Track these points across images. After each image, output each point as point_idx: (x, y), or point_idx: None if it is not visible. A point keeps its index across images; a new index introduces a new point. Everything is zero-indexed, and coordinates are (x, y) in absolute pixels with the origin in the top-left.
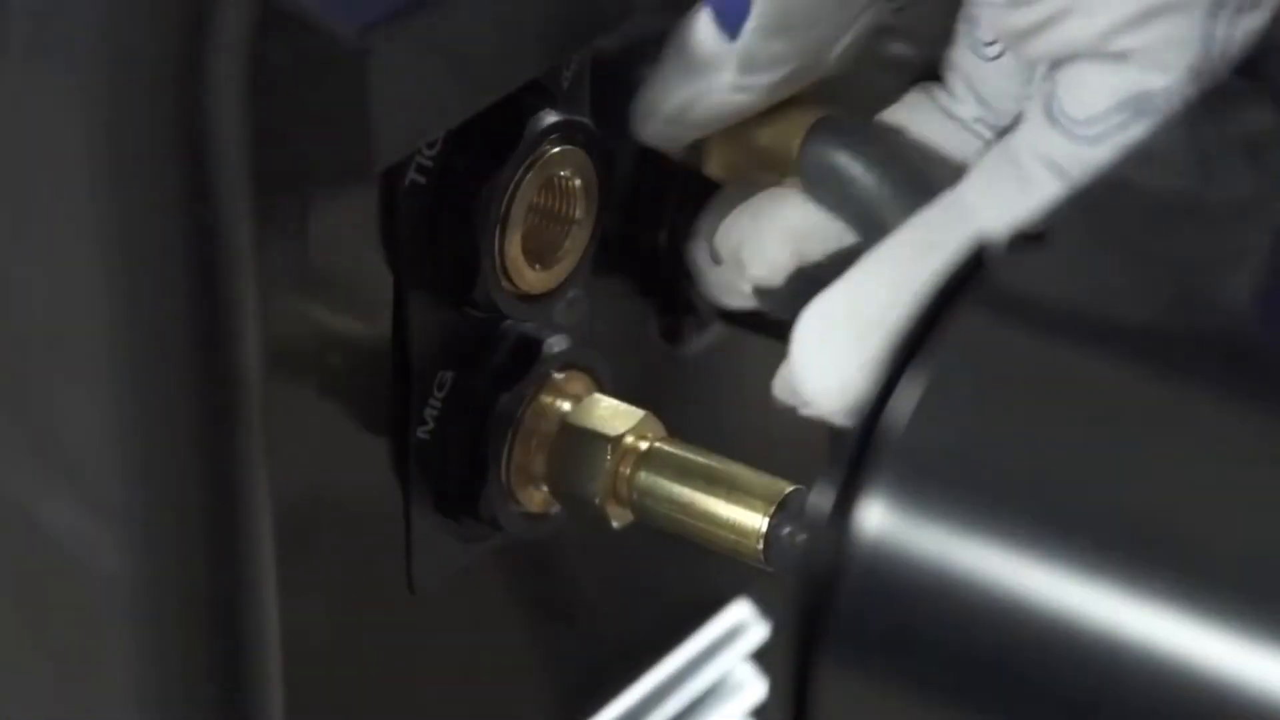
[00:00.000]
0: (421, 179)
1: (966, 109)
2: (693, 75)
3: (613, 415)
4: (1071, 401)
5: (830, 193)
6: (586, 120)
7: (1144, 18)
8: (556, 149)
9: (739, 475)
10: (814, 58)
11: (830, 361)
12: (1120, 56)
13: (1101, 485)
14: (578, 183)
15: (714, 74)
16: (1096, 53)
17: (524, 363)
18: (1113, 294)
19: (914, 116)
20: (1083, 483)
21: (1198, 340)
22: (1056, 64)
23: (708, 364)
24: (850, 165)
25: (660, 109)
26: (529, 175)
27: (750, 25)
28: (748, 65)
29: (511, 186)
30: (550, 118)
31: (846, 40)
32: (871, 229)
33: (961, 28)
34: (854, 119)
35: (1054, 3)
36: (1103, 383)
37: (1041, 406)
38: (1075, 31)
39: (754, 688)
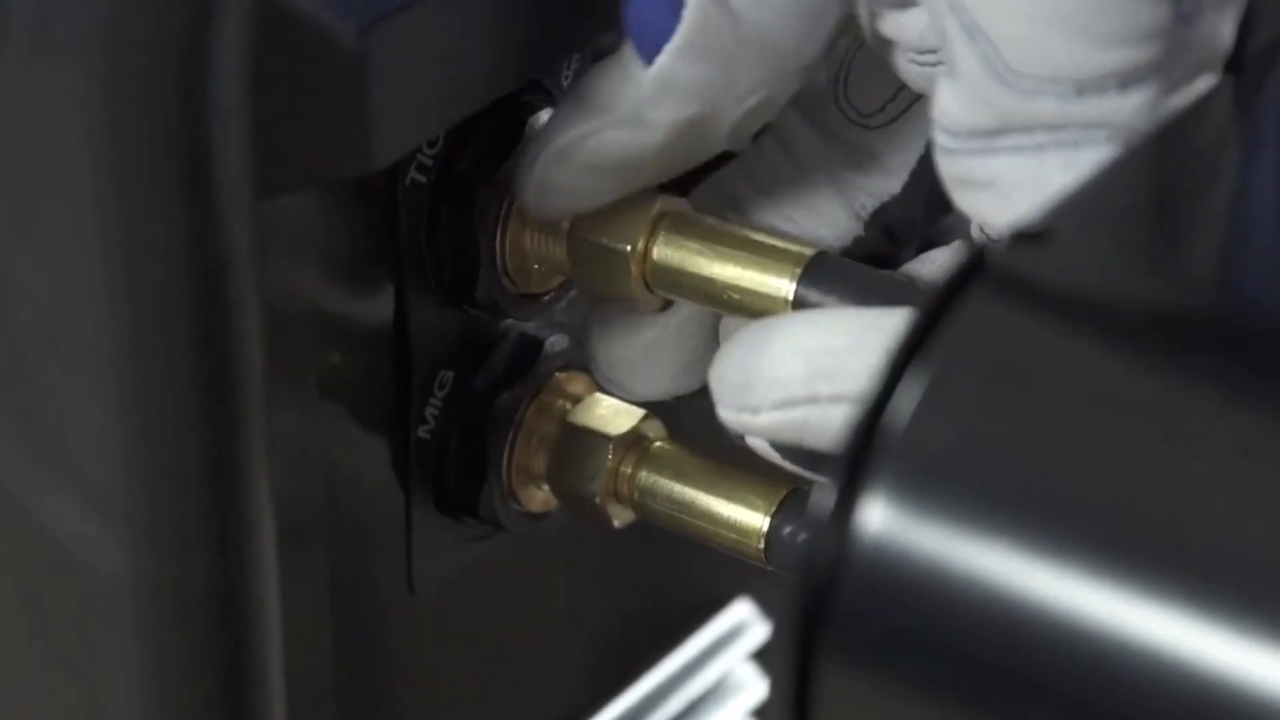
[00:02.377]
0: (422, 178)
1: None
2: (590, 111)
3: (613, 414)
4: (1073, 400)
5: None
6: None
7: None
8: None
9: (740, 474)
10: (717, 109)
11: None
12: None
13: (1103, 484)
14: None
15: (616, 105)
16: None
17: (525, 362)
18: (1114, 291)
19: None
20: (1085, 481)
21: (1200, 336)
22: None
23: None
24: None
25: (544, 149)
26: None
27: (673, 44)
28: (658, 93)
29: (512, 185)
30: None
31: (751, 103)
32: None
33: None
34: (841, 257)
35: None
36: (1104, 381)
37: (1043, 405)
38: None
39: (755, 688)
